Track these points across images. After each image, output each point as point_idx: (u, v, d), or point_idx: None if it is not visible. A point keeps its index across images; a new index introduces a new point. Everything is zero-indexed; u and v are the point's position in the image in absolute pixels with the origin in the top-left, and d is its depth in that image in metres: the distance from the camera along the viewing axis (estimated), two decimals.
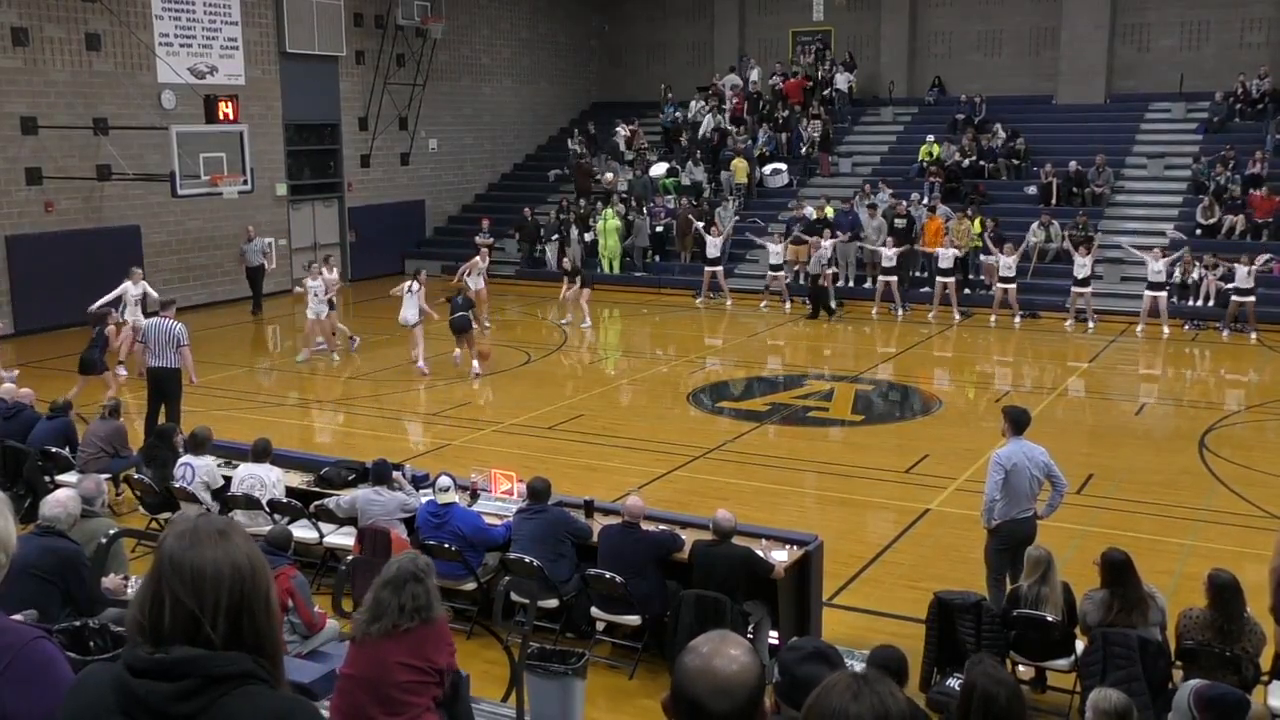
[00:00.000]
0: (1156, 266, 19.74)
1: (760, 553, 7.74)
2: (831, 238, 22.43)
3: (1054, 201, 24.13)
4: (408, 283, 17.15)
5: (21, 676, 2.43)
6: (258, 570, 2.15)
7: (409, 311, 16.97)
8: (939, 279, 21.49)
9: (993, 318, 20.98)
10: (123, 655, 2.14)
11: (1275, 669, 6.84)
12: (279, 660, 2.19)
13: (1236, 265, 19.63)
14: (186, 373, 13.14)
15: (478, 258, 20.28)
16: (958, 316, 21.27)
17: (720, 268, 23.37)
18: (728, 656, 2.20)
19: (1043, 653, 7.23)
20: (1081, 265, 20.33)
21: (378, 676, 4.75)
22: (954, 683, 6.50)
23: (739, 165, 26.94)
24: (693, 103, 30.05)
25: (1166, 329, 19.67)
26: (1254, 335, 19.40)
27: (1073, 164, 24.46)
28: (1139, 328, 19.82)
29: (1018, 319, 20.85)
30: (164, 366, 13.01)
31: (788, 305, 22.53)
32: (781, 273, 22.72)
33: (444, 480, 8.58)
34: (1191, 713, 5.34)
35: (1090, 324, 20.43)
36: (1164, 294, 19.79)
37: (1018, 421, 8.29)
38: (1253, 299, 19.44)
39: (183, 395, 13.15)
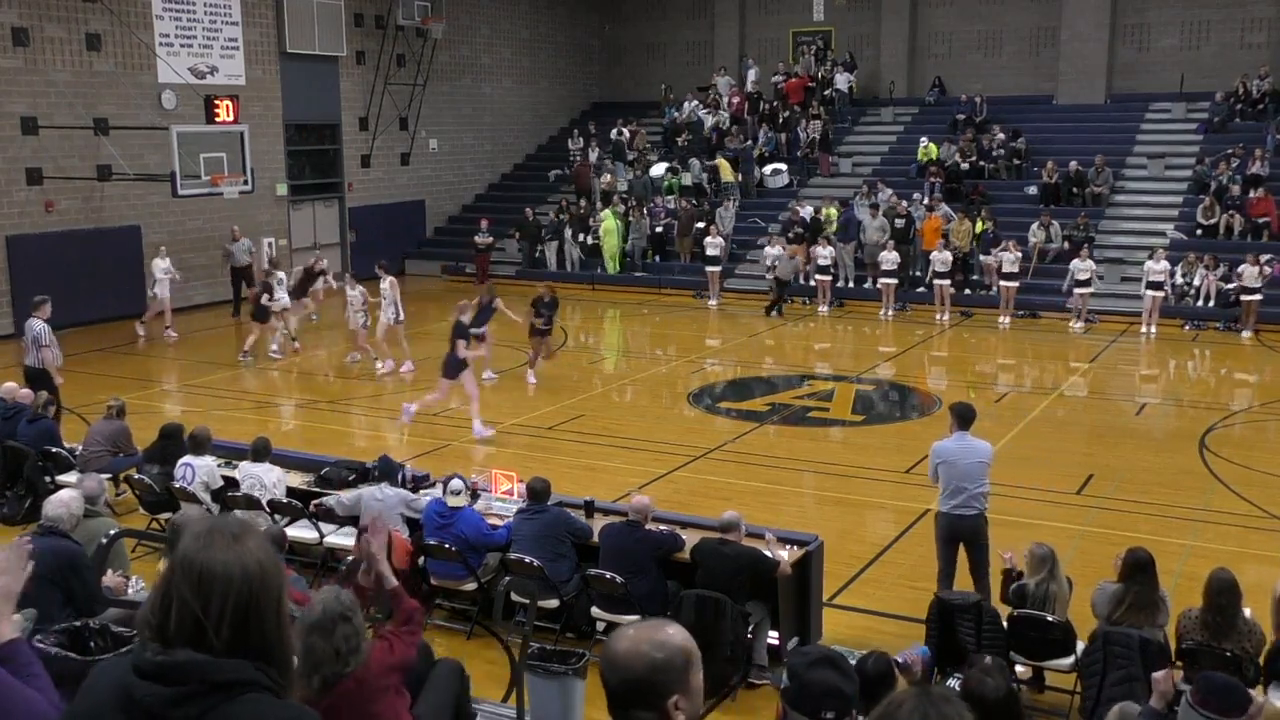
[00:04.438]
0: (1156, 266, 19.77)
1: (767, 551, 7.75)
2: (828, 244, 22.48)
3: (1055, 202, 24.14)
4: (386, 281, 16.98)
5: None
6: (268, 575, 2.11)
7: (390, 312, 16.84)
8: (936, 282, 21.52)
9: (1002, 319, 21.00)
10: (132, 655, 2.13)
11: (1271, 669, 6.82)
12: (288, 668, 2.15)
13: (1245, 265, 19.65)
14: (49, 368, 13.11)
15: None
16: (946, 317, 21.30)
17: (720, 267, 23.40)
18: (624, 635, 2.33)
19: (1043, 652, 7.23)
20: (1083, 268, 20.36)
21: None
22: (954, 683, 6.51)
23: (722, 165, 27.07)
24: (688, 103, 30.05)
25: (1155, 329, 19.71)
26: (1247, 334, 19.39)
27: (1073, 164, 24.46)
28: (1152, 329, 19.78)
29: (1007, 319, 20.91)
30: (31, 366, 13.12)
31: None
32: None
33: (456, 483, 8.58)
34: (1188, 701, 5.36)
35: (1081, 322, 20.50)
36: (1161, 294, 19.84)
37: (963, 416, 8.54)
38: (1259, 297, 19.47)
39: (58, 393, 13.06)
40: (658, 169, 27.95)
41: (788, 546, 8.00)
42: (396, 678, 4.66)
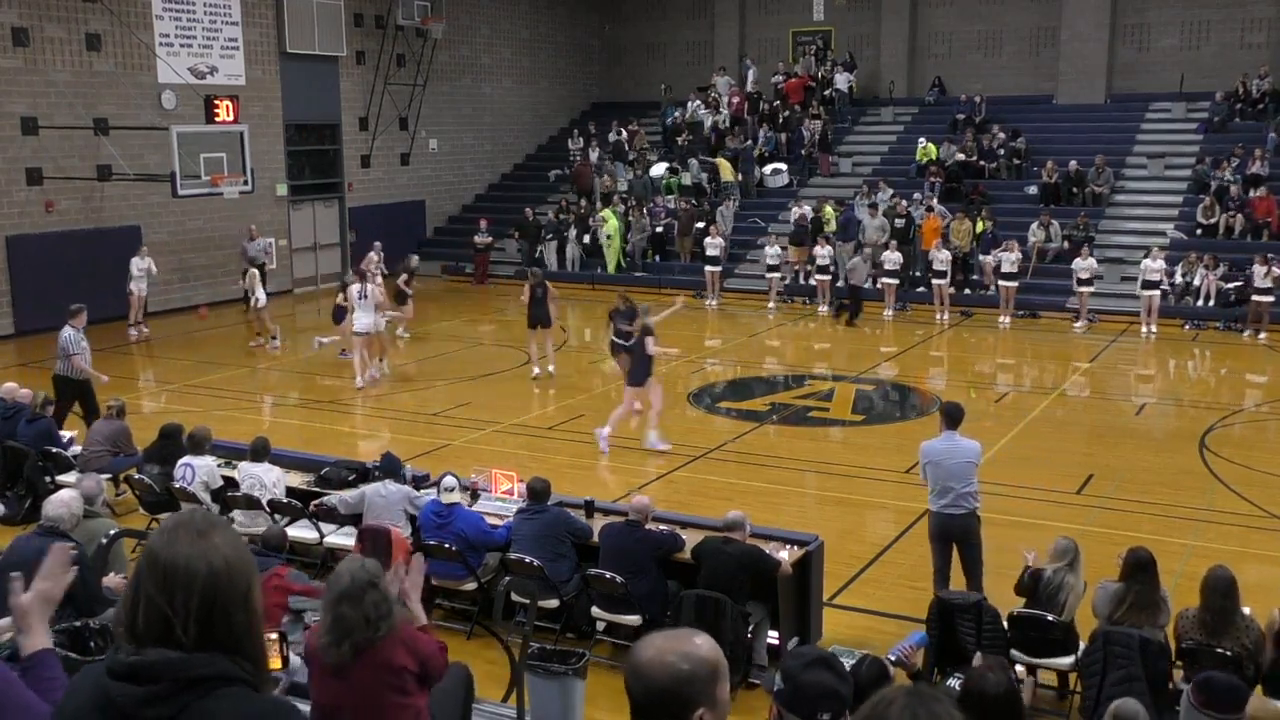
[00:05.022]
0: (1153, 265, 19.78)
1: (768, 550, 7.75)
2: (828, 244, 22.52)
3: (1055, 201, 24.14)
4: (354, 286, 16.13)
5: None
6: (234, 570, 2.09)
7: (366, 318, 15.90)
8: (934, 281, 21.55)
9: (1002, 318, 20.99)
10: (106, 657, 2.13)
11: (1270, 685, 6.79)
12: (262, 662, 2.15)
13: (1255, 265, 19.62)
14: (85, 375, 12.98)
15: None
16: (945, 317, 21.33)
17: (719, 268, 23.42)
18: (649, 644, 2.28)
19: (1044, 651, 7.23)
20: (1084, 267, 20.35)
21: (373, 700, 4.42)
22: (954, 683, 6.51)
23: (722, 164, 27.13)
24: (688, 103, 30.06)
25: (1155, 328, 19.71)
26: (1263, 335, 19.36)
27: (1073, 164, 24.47)
28: (1152, 329, 19.75)
29: (1007, 319, 20.93)
30: (58, 375, 13.02)
31: (771, 304, 22.61)
32: (778, 274, 22.77)
33: (449, 480, 8.58)
34: (1190, 701, 5.36)
35: (1083, 322, 20.49)
36: (1158, 293, 19.83)
37: (951, 416, 8.63)
38: (1271, 299, 19.43)
39: (88, 400, 12.95)
40: (658, 169, 27.96)
41: (788, 547, 8.01)
42: (416, 673, 4.59)
